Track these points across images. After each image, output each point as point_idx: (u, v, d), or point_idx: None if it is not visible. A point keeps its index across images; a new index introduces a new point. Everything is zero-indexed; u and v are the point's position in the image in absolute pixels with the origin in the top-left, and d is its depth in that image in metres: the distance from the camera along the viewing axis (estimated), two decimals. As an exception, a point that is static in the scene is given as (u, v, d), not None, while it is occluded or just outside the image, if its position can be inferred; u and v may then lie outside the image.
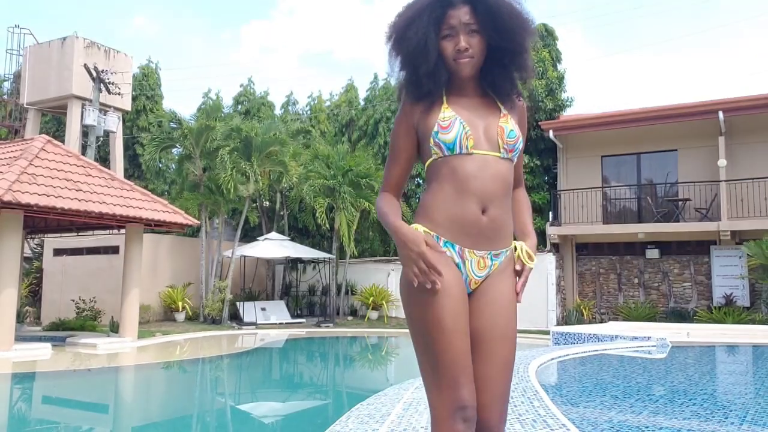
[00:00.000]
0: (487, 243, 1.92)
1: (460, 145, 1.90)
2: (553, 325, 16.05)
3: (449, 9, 1.92)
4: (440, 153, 1.93)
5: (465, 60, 1.92)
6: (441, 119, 1.92)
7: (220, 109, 22.29)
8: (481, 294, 1.96)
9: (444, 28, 1.92)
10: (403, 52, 1.96)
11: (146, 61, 28.40)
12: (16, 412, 6.96)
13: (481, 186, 1.89)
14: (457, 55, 1.91)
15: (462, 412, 1.76)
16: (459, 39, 1.91)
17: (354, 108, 24.58)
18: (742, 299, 15.35)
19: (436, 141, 1.92)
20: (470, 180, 1.89)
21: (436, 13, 1.92)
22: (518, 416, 4.14)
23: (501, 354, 1.91)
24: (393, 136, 2.03)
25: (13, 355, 10.54)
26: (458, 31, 1.91)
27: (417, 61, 1.93)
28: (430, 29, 1.91)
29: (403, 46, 1.95)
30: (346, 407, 5.25)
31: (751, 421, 4.76)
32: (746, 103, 15.50)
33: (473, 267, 1.92)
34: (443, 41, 1.93)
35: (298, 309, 20.67)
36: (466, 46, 1.91)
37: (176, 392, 8.65)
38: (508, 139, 1.95)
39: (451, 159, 1.91)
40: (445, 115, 1.93)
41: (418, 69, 1.94)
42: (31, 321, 18.08)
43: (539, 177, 18.72)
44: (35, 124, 22.26)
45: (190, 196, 18.30)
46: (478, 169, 1.90)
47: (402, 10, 1.99)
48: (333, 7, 61.37)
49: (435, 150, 1.93)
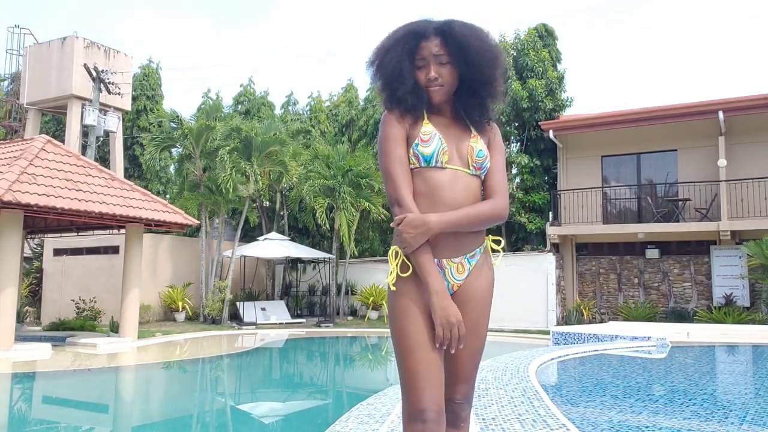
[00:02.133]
0: (461, 249, 2.09)
1: (436, 158, 2.07)
2: (553, 325, 16.05)
3: (422, 41, 2.08)
4: (417, 164, 2.07)
5: (435, 88, 2.09)
6: (422, 133, 2.08)
7: (220, 109, 22.29)
8: (459, 293, 2.12)
9: (417, 58, 2.09)
10: (382, 78, 2.14)
11: (147, 60, 28.44)
12: (16, 412, 6.96)
13: (452, 197, 2.05)
14: (428, 83, 2.09)
15: (420, 415, 1.91)
16: (429, 69, 2.08)
17: (354, 108, 24.58)
18: (742, 299, 15.35)
19: (415, 152, 2.07)
20: (442, 191, 2.05)
21: (410, 44, 2.09)
22: (518, 416, 4.14)
23: (469, 345, 2.07)
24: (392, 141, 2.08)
25: (13, 355, 10.54)
26: (428, 62, 2.08)
27: (394, 86, 2.10)
28: (404, 58, 2.08)
29: (381, 72, 2.13)
30: (346, 407, 5.25)
31: (751, 421, 4.76)
32: (746, 103, 15.50)
33: (453, 273, 2.09)
34: (417, 71, 2.10)
35: (298, 309, 20.67)
36: (436, 76, 2.08)
37: (176, 392, 8.65)
38: (477, 158, 2.12)
39: (426, 171, 2.07)
40: (426, 129, 2.09)
41: (396, 91, 2.10)
42: (31, 321, 18.09)
43: (539, 177, 18.71)
44: (35, 124, 22.27)
45: (190, 196, 18.30)
46: (449, 182, 2.07)
47: (382, 40, 2.16)
48: (333, 7, 61.37)
49: (413, 161, 2.08)
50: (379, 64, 2.13)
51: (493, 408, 4.41)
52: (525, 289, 17.30)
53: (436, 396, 1.94)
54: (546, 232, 17.43)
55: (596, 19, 54.13)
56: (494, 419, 4.04)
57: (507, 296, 17.45)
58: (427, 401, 1.92)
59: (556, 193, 17.99)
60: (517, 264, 17.56)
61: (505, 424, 3.87)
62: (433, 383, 1.94)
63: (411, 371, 1.95)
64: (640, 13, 51.29)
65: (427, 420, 1.91)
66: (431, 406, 1.92)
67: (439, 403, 1.94)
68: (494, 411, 4.30)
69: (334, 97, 26.53)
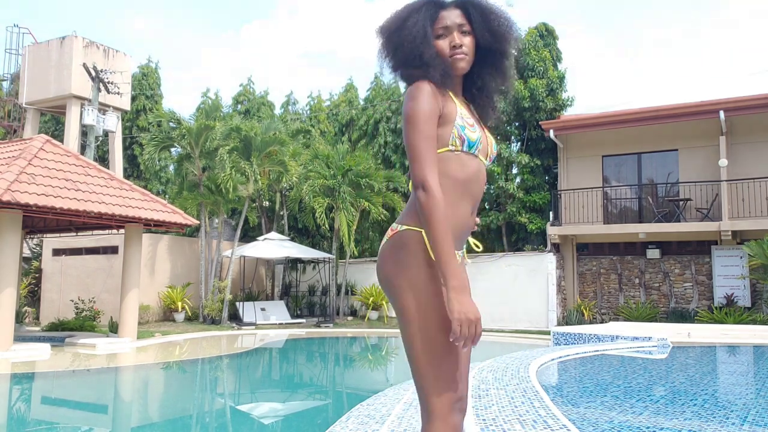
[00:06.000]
0: (464, 241, 2.07)
1: (477, 145, 1.99)
2: (554, 325, 16.03)
3: (441, 10, 2.02)
4: (459, 147, 1.95)
5: (460, 56, 1.99)
6: (464, 115, 1.97)
7: (219, 109, 22.29)
8: None
9: (438, 28, 2.00)
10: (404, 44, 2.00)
11: (146, 60, 28.41)
12: (15, 412, 6.93)
13: (476, 190, 2.01)
14: (453, 51, 1.99)
15: (459, 404, 1.90)
16: (454, 36, 1.99)
17: (354, 108, 24.56)
18: (743, 299, 15.32)
19: (461, 134, 1.94)
20: (471, 183, 1.98)
21: (431, 11, 2.01)
22: (518, 416, 4.10)
23: None
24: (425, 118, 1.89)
25: (12, 355, 10.52)
26: (452, 30, 2.00)
27: (419, 49, 1.97)
28: (428, 23, 1.99)
29: (402, 37, 2.00)
30: (346, 407, 5.22)
31: (752, 421, 4.73)
32: (747, 103, 15.47)
33: None
34: (438, 41, 2.00)
35: (298, 309, 20.64)
36: (461, 43, 1.99)
37: (176, 393, 8.62)
38: (494, 151, 2.11)
39: (464, 156, 1.96)
40: (464, 112, 1.99)
41: (423, 55, 1.96)
42: (30, 321, 18.07)
43: (540, 177, 18.68)
44: (34, 124, 22.25)
45: (189, 195, 18.28)
46: (476, 173, 1.99)
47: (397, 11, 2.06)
48: (333, 6, 61.36)
49: (455, 142, 1.94)
50: (398, 29, 2.01)
51: (494, 408, 4.38)
52: (525, 289, 17.28)
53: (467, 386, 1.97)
54: (546, 232, 17.40)
55: (596, 19, 54.13)
56: (494, 420, 4.01)
57: (507, 296, 17.45)
58: (463, 390, 1.93)
59: (556, 193, 17.95)
60: (518, 264, 17.54)
61: (506, 425, 3.84)
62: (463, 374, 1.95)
63: (452, 361, 1.88)
64: (641, 13, 51.29)
65: (463, 409, 1.92)
66: (465, 395, 1.95)
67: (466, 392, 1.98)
68: (494, 411, 4.27)
69: (334, 97, 26.50)
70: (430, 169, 1.85)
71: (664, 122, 16.44)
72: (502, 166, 18.12)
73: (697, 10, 50.73)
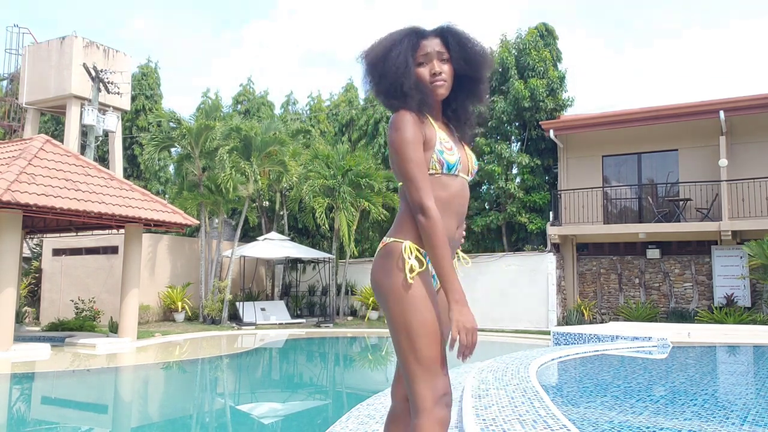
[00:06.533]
0: (453, 254, 2.22)
1: (457, 167, 2.17)
2: (554, 325, 16.03)
3: (422, 40, 2.19)
4: (439, 170, 2.13)
5: (440, 83, 2.17)
6: (443, 140, 2.15)
7: (219, 109, 22.28)
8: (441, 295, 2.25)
9: (419, 56, 2.18)
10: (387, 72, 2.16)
11: (146, 60, 28.41)
12: (15, 412, 6.93)
13: (460, 206, 2.19)
14: (433, 78, 2.17)
15: (444, 398, 2.04)
16: (433, 64, 2.17)
17: (354, 108, 24.56)
18: (743, 299, 15.32)
19: (440, 158, 2.13)
20: (455, 199, 2.17)
21: (413, 41, 2.18)
22: (518, 417, 4.10)
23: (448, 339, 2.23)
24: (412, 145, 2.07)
25: (12, 355, 10.51)
26: (432, 57, 2.18)
27: (400, 79, 2.14)
28: (409, 53, 2.16)
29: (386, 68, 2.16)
30: (346, 407, 5.22)
31: (752, 421, 4.73)
32: (747, 103, 15.46)
33: None
34: (419, 68, 2.18)
35: (298, 309, 20.64)
36: (440, 70, 2.17)
37: (176, 393, 8.62)
38: (475, 167, 2.32)
39: (445, 177, 2.15)
40: (443, 135, 2.17)
41: (403, 86, 2.14)
42: (30, 321, 18.07)
43: (540, 177, 18.67)
44: (34, 124, 22.25)
45: (189, 195, 18.28)
46: (459, 190, 2.19)
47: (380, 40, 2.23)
48: (333, 6, 61.35)
49: (435, 166, 2.13)
50: (383, 56, 2.17)
51: (494, 409, 4.38)
52: (525, 289, 17.28)
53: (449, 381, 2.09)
54: (546, 232, 17.40)
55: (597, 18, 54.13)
56: (494, 420, 4.00)
57: (507, 296, 17.45)
58: (448, 386, 2.06)
59: (556, 193, 17.95)
60: (518, 264, 17.54)
61: (506, 425, 3.84)
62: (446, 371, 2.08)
63: (433, 358, 2.03)
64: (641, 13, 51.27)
65: (449, 404, 2.05)
66: (450, 390, 2.07)
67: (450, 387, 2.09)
68: (494, 411, 4.27)
69: (334, 96, 26.51)
70: (426, 194, 2.04)
71: (664, 122, 16.43)
72: (502, 166, 18.10)
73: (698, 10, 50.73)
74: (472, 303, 12.52)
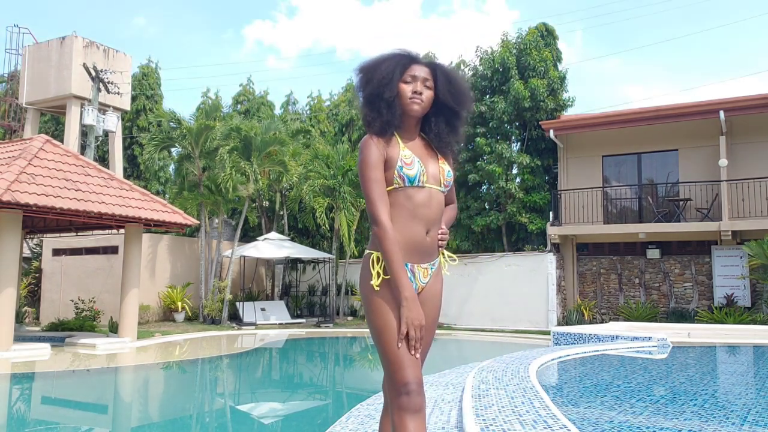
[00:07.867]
0: (428, 257, 2.48)
1: (418, 179, 2.42)
2: (554, 325, 16.02)
3: (414, 64, 2.49)
4: (402, 184, 2.41)
5: (417, 101, 2.45)
6: (404, 156, 2.43)
7: (219, 109, 22.27)
8: (423, 294, 2.51)
9: (407, 75, 2.46)
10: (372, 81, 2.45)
11: (146, 60, 28.40)
12: (15, 412, 6.93)
13: (428, 212, 2.44)
14: (412, 95, 2.44)
15: (405, 387, 2.27)
16: (417, 84, 2.46)
17: (354, 108, 24.54)
18: (743, 299, 15.31)
19: (400, 174, 2.40)
20: (420, 209, 2.42)
21: (404, 61, 2.48)
22: (518, 416, 4.10)
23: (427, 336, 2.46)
24: (371, 166, 2.38)
25: (12, 355, 10.51)
26: (417, 79, 2.46)
27: (383, 88, 2.43)
28: (398, 69, 2.45)
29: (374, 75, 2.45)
30: (346, 407, 5.22)
31: (752, 421, 4.73)
32: (747, 103, 15.46)
33: (420, 277, 2.48)
34: (403, 84, 2.45)
35: (298, 309, 20.63)
36: (421, 91, 2.45)
37: (175, 393, 8.62)
38: (447, 178, 2.54)
39: (409, 189, 2.42)
40: (406, 153, 2.44)
41: (383, 95, 2.42)
42: (30, 321, 18.06)
43: (540, 177, 18.66)
44: (34, 124, 22.25)
45: (189, 195, 18.28)
46: (427, 200, 2.44)
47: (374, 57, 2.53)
48: (334, 7, 61.34)
49: (398, 181, 2.41)
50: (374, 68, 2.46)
51: (494, 408, 4.38)
52: (525, 289, 17.27)
53: (417, 372, 2.30)
54: (546, 232, 17.39)
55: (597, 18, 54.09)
56: (494, 420, 4.00)
57: (507, 296, 17.45)
58: (410, 376, 2.28)
59: (556, 193, 17.95)
60: (518, 264, 17.54)
61: (506, 425, 3.84)
62: (412, 362, 2.30)
63: (394, 354, 2.30)
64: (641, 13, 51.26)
65: (411, 392, 2.27)
66: (414, 380, 2.28)
67: (419, 377, 2.31)
68: (495, 411, 4.27)
69: (334, 97, 26.51)
70: (378, 208, 2.34)
71: (664, 122, 16.43)
72: (502, 166, 18.08)
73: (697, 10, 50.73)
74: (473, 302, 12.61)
